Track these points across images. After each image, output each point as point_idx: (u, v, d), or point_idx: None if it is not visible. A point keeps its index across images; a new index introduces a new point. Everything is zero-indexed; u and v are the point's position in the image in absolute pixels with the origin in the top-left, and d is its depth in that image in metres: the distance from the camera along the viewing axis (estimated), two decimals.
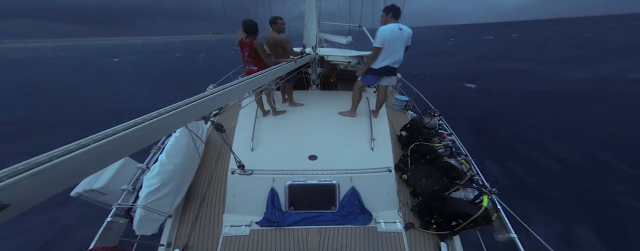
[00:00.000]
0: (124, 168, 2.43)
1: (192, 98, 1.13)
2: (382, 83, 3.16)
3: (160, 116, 0.93)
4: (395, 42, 2.78)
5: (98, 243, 1.78)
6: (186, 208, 2.51)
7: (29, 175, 0.56)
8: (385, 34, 2.73)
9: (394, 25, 2.75)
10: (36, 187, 0.58)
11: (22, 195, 0.56)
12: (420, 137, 3.31)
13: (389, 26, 2.75)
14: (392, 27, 2.74)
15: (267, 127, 3.02)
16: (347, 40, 6.69)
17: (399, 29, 2.74)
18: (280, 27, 3.07)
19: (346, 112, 3.36)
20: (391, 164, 2.61)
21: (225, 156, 3.07)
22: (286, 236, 2.18)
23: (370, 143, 2.78)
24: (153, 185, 2.11)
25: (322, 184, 2.43)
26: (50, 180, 0.61)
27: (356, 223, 2.29)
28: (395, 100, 5.25)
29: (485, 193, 2.24)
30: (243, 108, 3.20)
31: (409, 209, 2.60)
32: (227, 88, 1.41)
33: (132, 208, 2.04)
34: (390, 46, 2.78)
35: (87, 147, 0.68)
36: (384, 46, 2.78)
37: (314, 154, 2.63)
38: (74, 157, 0.64)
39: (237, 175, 2.43)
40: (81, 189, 2.15)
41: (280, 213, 2.34)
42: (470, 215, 2.10)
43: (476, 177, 2.59)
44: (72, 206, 4.34)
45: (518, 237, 1.94)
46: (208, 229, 2.34)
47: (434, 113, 3.62)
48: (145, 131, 0.85)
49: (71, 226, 4.17)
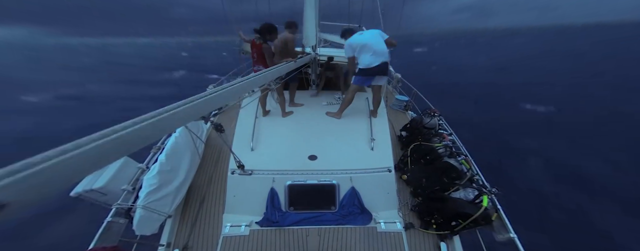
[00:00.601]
0: (124, 169, 2.43)
1: (191, 98, 1.13)
2: (374, 83, 3.15)
3: (160, 116, 0.93)
4: (367, 43, 2.90)
5: (98, 243, 1.78)
6: (186, 208, 2.51)
7: (27, 175, 0.56)
8: (351, 43, 2.99)
9: (354, 35, 3.07)
10: (35, 187, 0.58)
11: (21, 195, 0.56)
12: (420, 137, 3.31)
13: (352, 37, 3.05)
14: (353, 36, 3.05)
15: (267, 127, 3.02)
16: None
17: (360, 34, 3.03)
18: (294, 30, 3.24)
19: (333, 113, 3.32)
20: (391, 164, 2.61)
21: (225, 156, 3.07)
22: (286, 237, 2.18)
23: (370, 143, 2.78)
24: (153, 185, 2.11)
25: (322, 184, 2.43)
26: (49, 180, 0.60)
27: (356, 223, 2.29)
28: (395, 100, 5.25)
29: (485, 193, 2.24)
30: (243, 108, 3.20)
31: (409, 209, 2.60)
32: (226, 88, 1.41)
33: (132, 208, 2.04)
34: (364, 48, 2.91)
35: (85, 147, 0.68)
36: (355, 52, 2.97)
37: (314, 154, 2.62)
38: (71, 157, 0.64)
39: (237, 175, 2.43)
40: (81, 189, 2.15)
41: (280, 213, 2.34)
42: (470, 215, 2.10)
43: (476, 177, 2.59)
44: (72, 205, 4.34)
45: (518, 237, 1.94)
46: (208, 229, 2.34)
47: (434, 113, 3.62)
48: (145, 131, 0.85)
49: (71, 226, 4.17)
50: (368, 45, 2.89)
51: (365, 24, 5.97)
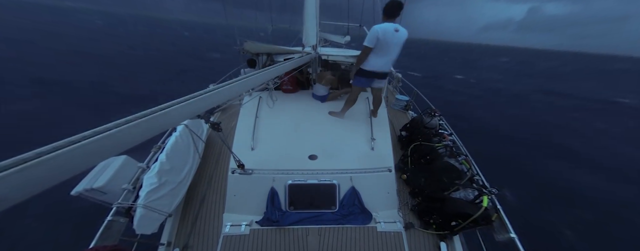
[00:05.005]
0: (124, 168, 2.43)
1: (190, 96, 1.13)
2: (373, 86, 3.03)
3: (160, 111, 0.93)
4: (391, 44, 2.55)
5: (98, 242, 1.78)
6: (186, 208, 2.51)
7: (19, 170, 0.57)
8: (378, 33, 2.46)
9: (389, 25, 2.49)
10: (26, 182, 0.59)
11: (13, 190, 0.56)
12: (420, 137, 3.31)
13: (383, 25, 2.49)
14: (386, 27, 2.48)
15: (267, 126, 3.02)
16: (346, 40, 6.67)
17: (394, 31, 2.49)
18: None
19: (336, 113, 3.27)
20: (391, 164, 2.61)
21: (226, 155, 3.07)
22: (286, 236, 2.19)
23: (371, 143, 2.78)
24: (153, 184, 2.11)
25: (322, 184, 2.44)
26: (42, 176, 0.61)
27: (356, 222, 2.29)
28: (395, 100, 5.26)
29: (485, 193, 2.24)
30: (243, 107, 3.20)
31: (409, 209, 2.61)
32: (226, 86, 1.41)
33: (132, 207, 2.04)
34: (384, 47, 2.56)
35: (78, 143, 0.68)
36: (376, 46, 2.55)
37: (314, 154, 2.63)
38: (64, 153, 0.64)
39: (237, 175, 2.43)
40: (81, 188, 2.16)
41: (280, 213, 2.34)
42: (470, 215, 2.10)
43: (476, 177, 2.59)
44: (73, 205, 4.34)
45: (518, 237, 1.95)
46: (208, 228, 2.34)
47: (434, 113, 3.62)
48: (141, 128, 0.85)
49: (71, 226, 4.18)
50: (393, 48, 2.59)
51: (365, 24, 5.96)
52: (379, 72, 2.79)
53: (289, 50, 3.86)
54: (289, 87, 3.78)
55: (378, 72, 2.79)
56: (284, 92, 3.79)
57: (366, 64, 2.75)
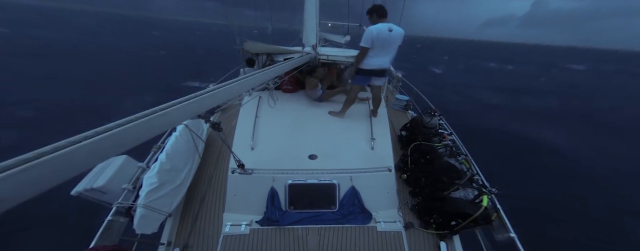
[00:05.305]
0: (124, 167, 2.42)
1: (190, 96, 1.13)
2: (372, 83, 3.11)
3: (160, 111, 0.93)
4: (386, 44, 2.66)
5: (98, 242, 1.78)
6: (186, 207, 2.52)
7: (20, 171, 0.57)
8: (373, 34, 2.58)
9: (383, 26, 2.59)
10: (27, 183, 0.59)
11: (14, 191, 0.56)
12: (420, 136, 3.31)
13: (378, 26, 2.60)
14: (380, 27, 2.59)
15: (267, 126, 3.02)
16: (345, 40, 6.67)
17: (388, 30, 2.58)
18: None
19: (335, 113, 3.28)
20: (391, 164, 2.61)
21: (226, 155, 3.07)
22: (286, 236, 2.19)
23: (371, 142, 2.78)
24: (153, 184, 2.11)
25: (322, 183, 2.44)
26: (41, 176, 0.61)
27: (356, 222, 2.29)
28: (395, 100, 5.26)
29: (485, 193, 2.24)
30: (243, 107, 3.20)
31: (409, 209, 2.61)
32: (225, 86, 1.40)
33: (132, 207, 2.04)
34: (380, 47, 2.66)
35: (79, 144, 0.68)
36: (373, 46, 2.66)
37: (314, 154, 2.63)
38: (64, 154, 0.64)
39: (237, 175, 2.43)
40: (81, 188, 2.15)
41: (280, 213, 2.34)
42: (469, 214, 2.10)
43: (476, 176, 2.59)
44: (73, 204, 4.34)
45: (518, 237, 1.95)
46: (208, 228, 2.34)
47: (434, 113, 3.62)
48: (142, 128, 0.85)
49: (72, 225, 4.18)
50: (390, 46, 2.68)
51: (365, 24, 5.96)
52: (377, 69, 2.86)
53: (289, 50, 3.86)
54: (289, 86, 3.79)
55: (376, 69, 2.86)
56: (284, 92, 3.79)
57: (364, 64, 2.85)
